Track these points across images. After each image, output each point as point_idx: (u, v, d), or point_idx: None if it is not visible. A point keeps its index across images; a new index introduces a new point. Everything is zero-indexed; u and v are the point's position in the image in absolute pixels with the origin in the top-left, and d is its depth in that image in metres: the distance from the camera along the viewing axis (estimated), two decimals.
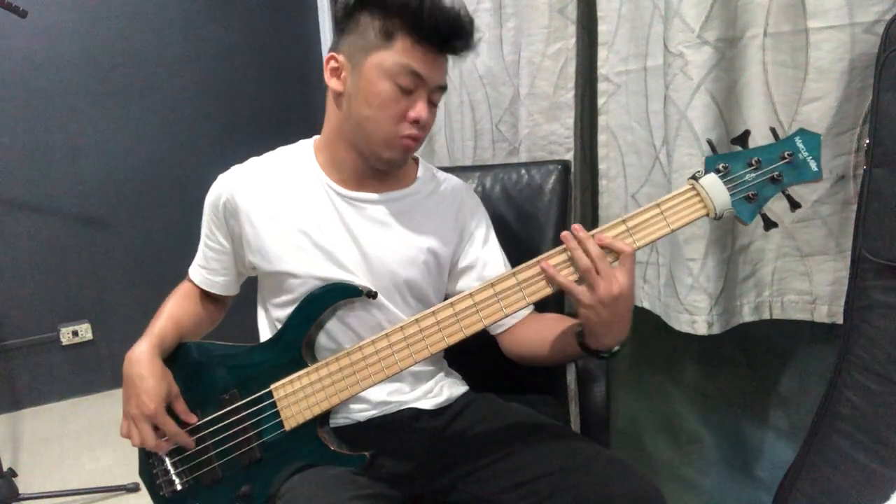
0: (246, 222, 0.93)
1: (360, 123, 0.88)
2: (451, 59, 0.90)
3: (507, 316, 0.80)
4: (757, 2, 0.99)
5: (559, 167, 1.24)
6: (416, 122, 0.87)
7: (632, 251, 0.75)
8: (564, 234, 0.77)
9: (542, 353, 0.92)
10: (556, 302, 1.16)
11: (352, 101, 0.88)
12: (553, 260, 0.78)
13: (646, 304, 1.28)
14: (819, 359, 1.12)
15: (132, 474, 0.97)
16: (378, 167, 0.92)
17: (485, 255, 1.00)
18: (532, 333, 0.95)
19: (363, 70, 0.86)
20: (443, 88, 0.90)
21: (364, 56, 0.86)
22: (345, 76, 0.89)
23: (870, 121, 0.88)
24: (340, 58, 0.89)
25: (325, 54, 0.91)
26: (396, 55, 0.84)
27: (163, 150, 2.43)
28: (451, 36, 0.86)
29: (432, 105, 0.90)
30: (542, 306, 0.96)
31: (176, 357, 0.93)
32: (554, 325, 0.91)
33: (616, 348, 0.81)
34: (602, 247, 0.75)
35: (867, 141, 0.88)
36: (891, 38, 0.84)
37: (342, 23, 0.89)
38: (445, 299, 0.84)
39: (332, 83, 0.90)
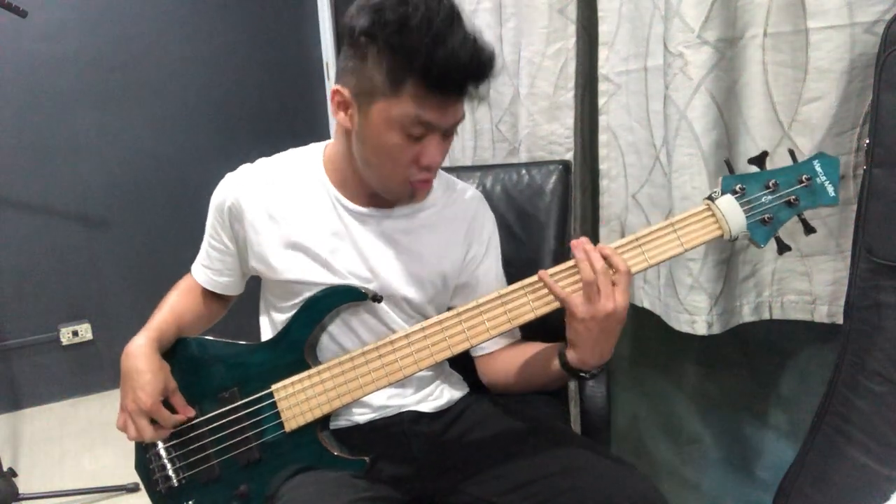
0: (250, 229, 0.91)
1: (368, 166, 0.84)
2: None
3: (513, 327, 0.80)
4: (757, 2, 0.99)
5: (560, 167, 1.23)
6: (427, 167, 0.82)
7: (628, 270, 0.75)
8: (574, 242, 0.76)
9: (516, 378, 0.93)
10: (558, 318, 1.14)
11: (359, 143, 0.83)
12: (551, 270, 0.78)
13: (646, 304, 1.28)
14: (819, 359, 1.12)
15: (132, 474, 0.97)
16: (387, 198, 0.91)
17: (480, 275, 0.98)
18: (508, 358, 0.96)
19: (369, 116, 0.78)
20: (459, 121, 0.83)
21: (370, 101, 0.78)
22: (351, 113, 0.81)
23: (870, 121, 0.88)
24: (346, 93, 0.80)
25: (325, 54, 0.89)
26: (405, 105, 0.75)
27: (163, 150, 2.43)
28: (469, 82, 0.76)
29: (447, 137, 0.83)
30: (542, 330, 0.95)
31: (175, 352, 0.92)
32: (532, 348, 0.92)
33: (595, 371, 0.81)
34: (603, 257, 0.75)
35: (867, 141, 0.88)
36: (891, 38, 0.83)
37: (346, 51, 0.80)
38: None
39: (340, 118, 0.83)
